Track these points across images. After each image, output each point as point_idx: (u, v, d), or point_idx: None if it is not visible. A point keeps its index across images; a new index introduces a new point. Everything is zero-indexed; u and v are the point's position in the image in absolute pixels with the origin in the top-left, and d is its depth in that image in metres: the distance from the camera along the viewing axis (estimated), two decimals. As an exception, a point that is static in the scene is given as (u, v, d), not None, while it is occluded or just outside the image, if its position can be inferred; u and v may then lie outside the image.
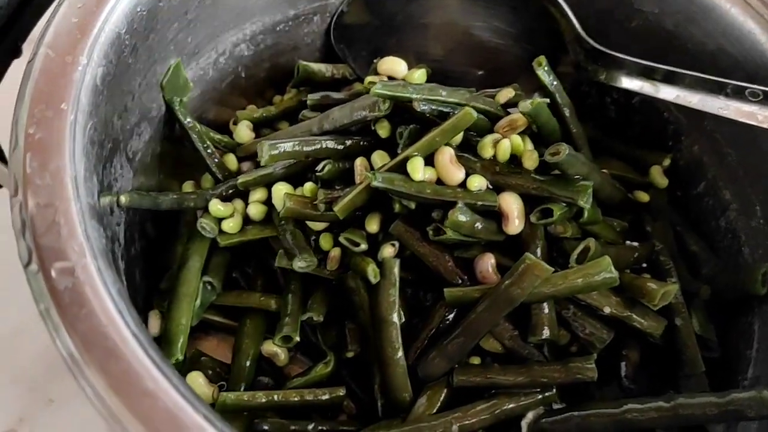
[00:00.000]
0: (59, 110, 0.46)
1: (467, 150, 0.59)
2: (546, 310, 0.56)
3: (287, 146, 0.60)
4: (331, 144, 0.61)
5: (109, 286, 0.42)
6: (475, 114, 0.56)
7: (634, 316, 0.57)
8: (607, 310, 0.57)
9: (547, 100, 0.59)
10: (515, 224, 0.57)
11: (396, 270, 0.56)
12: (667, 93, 0.60)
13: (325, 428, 0.56)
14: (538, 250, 0.57)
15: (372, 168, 0.59)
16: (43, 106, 0.46)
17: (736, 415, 0.50)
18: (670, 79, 0.60)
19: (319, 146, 0.60)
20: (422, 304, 0.61)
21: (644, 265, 0.63)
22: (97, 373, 0.39)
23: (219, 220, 0.62)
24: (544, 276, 0.53)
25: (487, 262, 0.57)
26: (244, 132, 0.68)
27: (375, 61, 0.68)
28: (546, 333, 0.55)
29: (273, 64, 0.74)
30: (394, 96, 0.58)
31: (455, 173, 0.57)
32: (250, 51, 0.71)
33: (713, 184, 0.68)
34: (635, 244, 0.63)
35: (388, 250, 0.58)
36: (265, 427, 0.55)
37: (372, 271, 0.56)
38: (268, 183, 0.62)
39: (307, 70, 0.71)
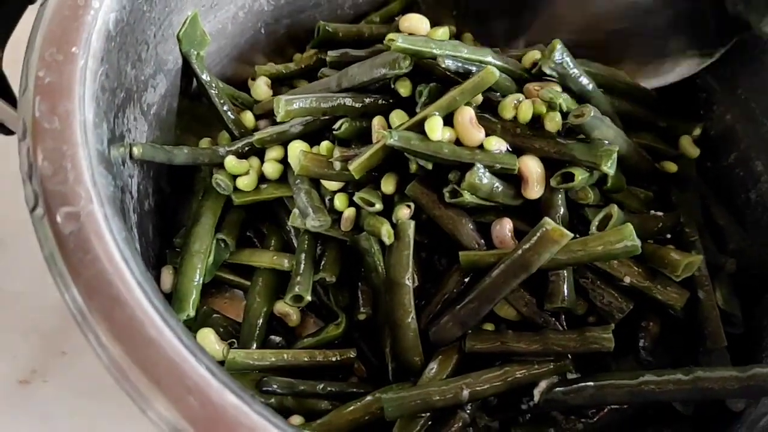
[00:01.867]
0: (70, 54, 0.45)
1: (488, 110, 0.57)
2: (564, 278, 0.54)
3: (304, 102, 0.58)
4: (349, 101, 0.59)
5: (115, 233, 0.41)
6: (497, 73, 0.54)
7: (655, 287, 0.55)
8: (627, 279, 0.55)
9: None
10: (535, 189, 0.56)
11: (411, 232, 0.55)
12: None
13: (334, 389, 0.55)
14: (558, 216, 0.56)
15: (390, 128, 0.58)
16: (54, 50, 0.45)
17: (758, 391, 0.48)
18: None
19: (336, 103, 0.59)
20: (436, 269, 0.59)
21: (669, 236, 0.61)
22: (101, 320, 0.38)
23: (234, 177, 0.61)
24: (563, 242, 0.51)
25: (505, 227, 0.55)
26: (261, 89, 0.67)
27: (397, 18, 0.66)
28: (563, 301, 0.54)
29: (293, 21, 0.73)
30: (416, 51, 0.56)
31: (474, 134, 0.55)
32: (270, 6, 0.70)
33: (745, 155, 0.65)
34: (660, 213, 0.61)
35: (403, 212, 0.56)
36: (273, 386, 0.54)
37: (386, 232, 0.55)
38: (284, 141, 0.61)
39: (327, 30, 0.69)
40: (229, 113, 0.64)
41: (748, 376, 0.48)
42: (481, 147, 0.55)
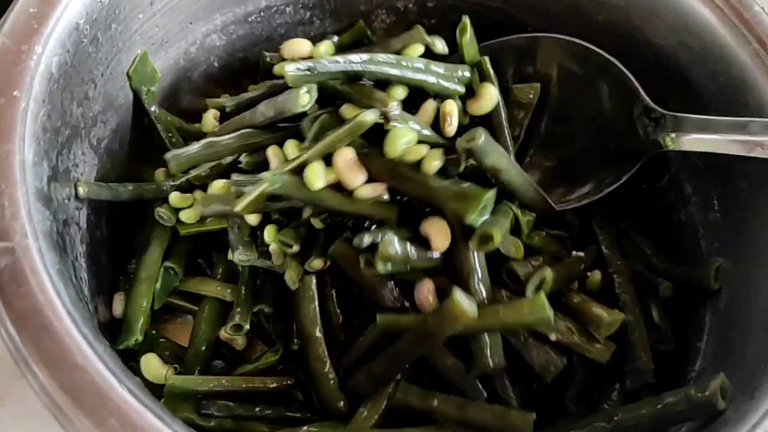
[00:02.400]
0: (12, 97, 0.48)
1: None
2: (487, 344, 0.54)
3: (190, 154, 0.61)
4: (233, 142, 0.61)
5: (48, 266, 0.44)
6: (370, 120, 0.54)
7: (582, 345, 0.57)
8: (553, 337, 0.56)
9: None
10: (443, 244, 0.55)
11: (313, 286, 0.57)
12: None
13: (270, 414, 0.57)
14: (476, 281, 0.54)
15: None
16: (-4, 94, 0.48)
17: (671, 419, 0.51)
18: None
19: (222, 147, 0.61)
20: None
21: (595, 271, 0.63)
22: (31, 349, 0.41)
23: (178, 210, 0.63)
24: (464, 321, 0.50)
25: (425, 289, 0.54)
26: (209, 121, 0.68)
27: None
28: (486, 367, 0.54)
29: (247, 54, 0.74)
30: (310, 80, 0.57)
31: (354, 177, 0.54)
32: (221, 41, 0.71)
33: (676, 177, 0.68)
34: (581, 254, 0.62)
35: (317, 263, 0.58)
36: (212, 409, 0.56)
37: (289, 278, 0.58)
38: (220, 174, 0.62)
39: (272, 62, 0.70)
40: (177, 146, 0.66)
41: (660, 407, 0.50)
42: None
